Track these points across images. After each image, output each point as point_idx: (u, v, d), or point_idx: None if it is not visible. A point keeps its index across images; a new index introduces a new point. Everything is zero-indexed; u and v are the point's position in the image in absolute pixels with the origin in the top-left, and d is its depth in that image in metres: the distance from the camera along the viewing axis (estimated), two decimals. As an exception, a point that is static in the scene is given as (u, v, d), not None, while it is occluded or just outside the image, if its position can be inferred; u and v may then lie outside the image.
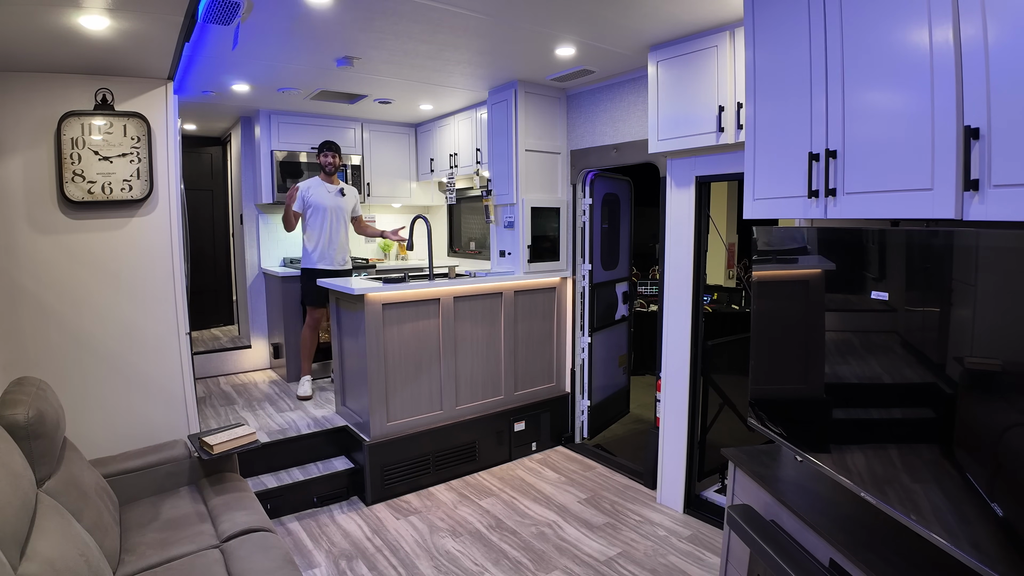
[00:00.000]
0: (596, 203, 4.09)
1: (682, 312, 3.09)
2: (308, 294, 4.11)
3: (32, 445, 1.76)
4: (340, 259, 4.17)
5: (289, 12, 2.52)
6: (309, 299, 4.11)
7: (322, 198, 4.05)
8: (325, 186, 4.09)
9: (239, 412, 3.89)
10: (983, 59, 1.22)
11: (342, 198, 4.15)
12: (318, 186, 4.07)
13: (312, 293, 4.03)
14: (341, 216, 4.13)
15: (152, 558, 1.89)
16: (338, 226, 4.12)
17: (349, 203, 4.20)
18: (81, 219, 2.71)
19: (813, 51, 1.70)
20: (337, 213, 4.09)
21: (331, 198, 4.09)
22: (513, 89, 3.74)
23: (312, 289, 3.99)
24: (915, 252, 1.41)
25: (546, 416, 4.01)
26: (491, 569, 2.62)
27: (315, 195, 4.03)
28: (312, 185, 4.06)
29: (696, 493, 3.17)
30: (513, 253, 3.93)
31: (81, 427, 2.55)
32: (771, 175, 1.91)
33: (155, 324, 2.89)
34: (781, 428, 1.90)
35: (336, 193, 4.12)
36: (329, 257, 4.09)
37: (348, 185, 4.29)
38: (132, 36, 2.27)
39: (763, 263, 2.01)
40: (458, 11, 2.54)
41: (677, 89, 2.86)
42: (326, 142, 4.10)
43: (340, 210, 4.12)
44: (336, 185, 4.14)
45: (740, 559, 2.00)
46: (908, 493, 1.37)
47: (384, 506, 3.23)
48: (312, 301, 4.10)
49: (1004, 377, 1.16)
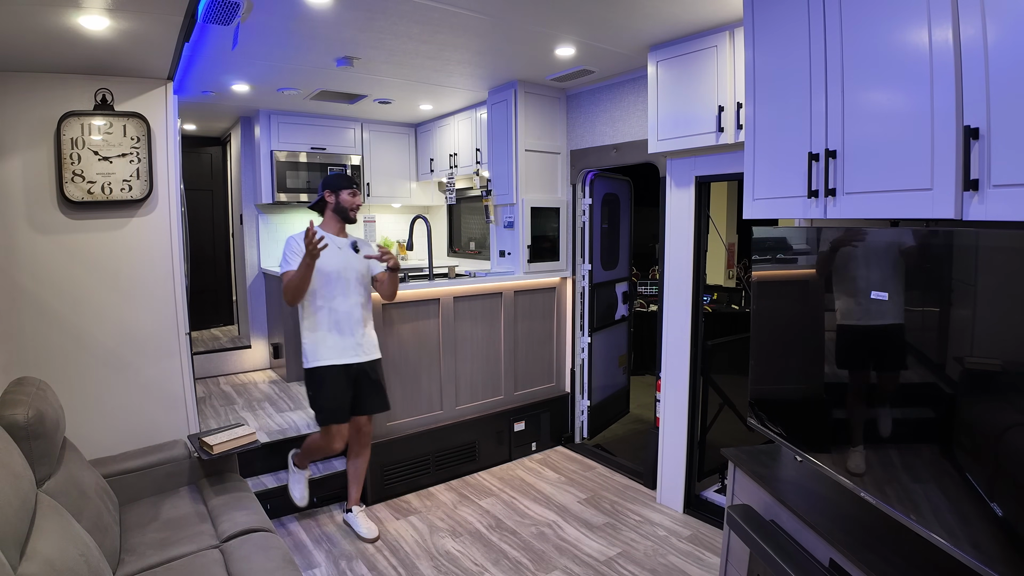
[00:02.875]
0: (596, 203, 4.09)
1: (682, 312, 3.09)
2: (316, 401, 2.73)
3: (32, 445, 1.76)
4: (358, 345, 2.74)
5: (289, 12, 2.52)
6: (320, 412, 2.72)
7: (328, 256, 2.64)
8: (332, 239, 2.72)
9: (239, 412, 3.89)
10: (983, 59, 1.22)
11: (355, 255, 2.78)
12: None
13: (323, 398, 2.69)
14: (355, 280, 2.75)
15: (152, 558, 1.89)
16: (352, 297, 2.73)
17: (365, 261, 2.82)
18: (81, 219, 2.71)
19: (813, 51, 1.70)
20: (350, 276, 2.73)
21: (340, 256, 2.73)
22: (513, 89, 3.74)
23: (322, 393, 2.69)
24: (915, 252, 1.41)
25: (546, 416, 4.01)
26: (491, 569, 2.62)
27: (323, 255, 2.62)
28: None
29: (696, 493, 3.17)
30: (513, 253, 3.93)
31: (81, 427, 2.55)
32: (771, 175, 1.91)
33: (155, 324, 2.89)
34: (781, 428, 1.90)
35: (348, 247, 2.78)
36: (339, 346, 2.70)
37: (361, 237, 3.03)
38: (132, 36, 2.26)
39: (763, 263, 2.01)
40: (458, 11, 2.54)
41: (677, 89, 2.86)
42: (346, 176, 2.83)
43: (356, 273, 2.75)
44: (346, 238, 2.82)
45: (740, 559, 2.00)
46: (908, 493, 1.37)
47: (384, 506, 3.22)
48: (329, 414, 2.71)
49: (1004, 377, 1.16)
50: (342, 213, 2.78)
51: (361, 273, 2.78)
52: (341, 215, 2.79)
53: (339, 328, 2.70)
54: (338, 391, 2.70)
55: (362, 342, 2.76)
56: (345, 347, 2.71)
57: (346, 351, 2.71)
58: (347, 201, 2.77)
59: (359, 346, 2.75)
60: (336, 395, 2.69)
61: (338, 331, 2.70)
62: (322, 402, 2.70)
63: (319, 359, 2.68)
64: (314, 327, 2.69)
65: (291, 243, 2.68)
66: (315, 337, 2.69)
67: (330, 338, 2.69)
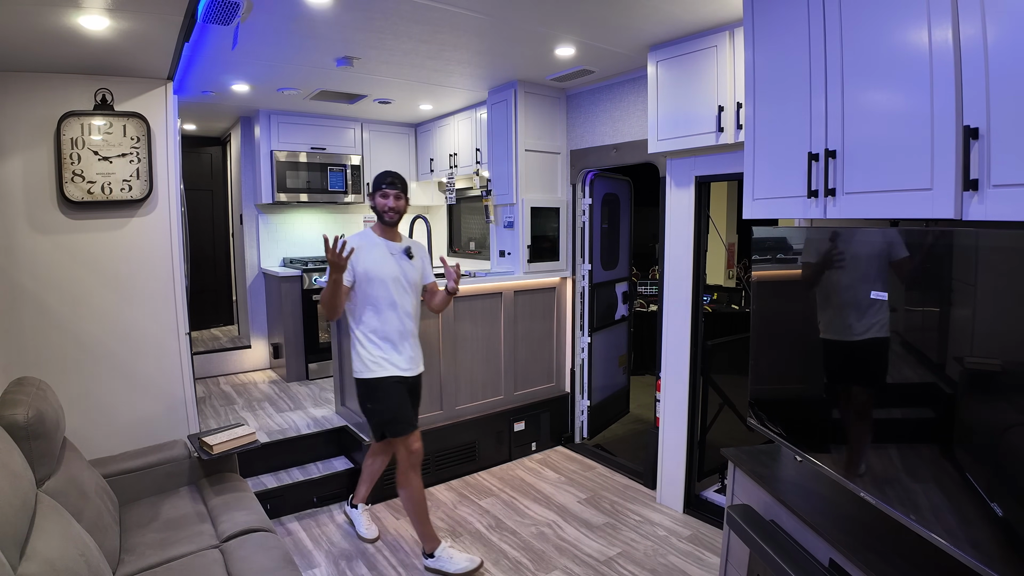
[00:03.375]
0: (596, 203, 4.09)
1: (682, 312, 3.09)
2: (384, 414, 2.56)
3: (32, 445, 1.76)
4: (411, 358, 2.62)
5: (289, 12, 2.52)
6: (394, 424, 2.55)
7: (380, 263, 2.53)
8: (384, 243, 2.59)
9: (239, 412, 3.89)
10: (982, 59, 1.22)
11: (408, 261, 2.64)
12: (373, 244, 2.57)
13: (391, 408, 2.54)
14: (409, 290, 2.62)
15: (152, 558, 1.89)
16: (405, 307, 2.59)
17: (419, 268, 2.69)
18: (81, 219, 2.71)
19: (813, 51, 1.70)
20: (403, 285, 2.59)
21: (393, 263, 2.58)
22: (513, 89, 3.74)
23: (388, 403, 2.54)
24: (914, 252, 1.41)
25: (546, 416, 4.01)
26: (491, 569, 2.62)
27: (369, 258, 2.52)
28: (361, 243, 2.52)
29: (696, 493, 3.17)
30: (513, 253, 3.93)
31: (81, 427, 2.55)
32: (771, 175, 1.92)
33: (155, 324, 2.89)
34: (781, 428, 1.90)
35: (400, 254, 2.63)
36: (396, 358, 2.56)
37: (415, 240, 2.80)
38: (132, 36, 2.27)
39: (763, 263, 2.01)
40: (458, 11, 2.54)
41: (677, 89, 2.86)
42: (388, 174, 2.62)
43: (409, 282, 2.61)
44: (399, 242, 2.66)
45: (740, 559, 2.00)
46: (908, 493, 1.37)
47: (384, 506, 3.22)
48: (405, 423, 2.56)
49: (1004, 377, 1.16)
50: (379, 216, 2.61)
51: (414, 282, 2.64)
52: (379, 218, 2.62)
53: (393, 339, 2.55)
54: (403, 398, 2.56)
55: (414, 355, 2.64)
56: (401, 359, 2.57)
57: (402, 363, 2.57)
58: (380, 204, 2.59)
59: (412, 359, 2.62)
60: (402, 401, 2.55)
61: (392, 342, 2.55)
62: (392, 412, 2.53)
63: (380, 370, 2.52)
64: (368, 338, 2.54)
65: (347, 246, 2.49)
66: (371, 347, 2.53)
67: (387, 349, 2.54)
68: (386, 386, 2.53)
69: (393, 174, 2.62)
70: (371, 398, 2.56)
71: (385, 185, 2.58)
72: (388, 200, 2.58)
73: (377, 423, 2.61)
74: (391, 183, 2.59)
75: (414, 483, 2.55)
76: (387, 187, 2.58)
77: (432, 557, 2.60)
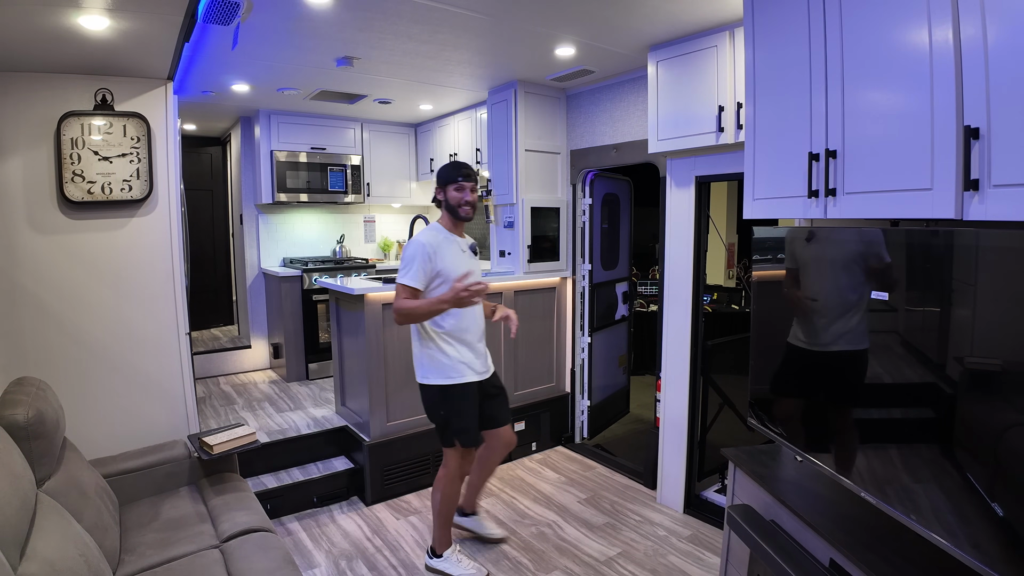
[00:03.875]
0: (596, 203, 4.09)
1: (682, 312, 3.09)
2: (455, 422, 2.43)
3: (32, 445, 1.76)
4: (484, 356, 2.54)
5: (289, 12, 2.52)
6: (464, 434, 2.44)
7: (457, 262, 2.40)
8: (456, 240, 2.45)
9: (239, 412, 3.89)
10: (983, 59, 1.22)
11: (475, 258, 2.55)
12: (449, 241, 2.41)
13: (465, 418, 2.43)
14: None
15: (152, 558, 1.89)
16: (478, 306, 2.51)
17: (480, 264, 2.64)
18: (81, 219, 2.71)
19: (813, 51, 1.70)
20: None
21: (465, 261, 2.45)
22: (513, 89, 3.74)
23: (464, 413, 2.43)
24: (915, 252, 1.41)
25: (546, 416, 4.01)
26: (491, 569, 2.62)
27: (447, 256, 2.37)
28: (438, 240, 2.38)
29: (696, 493, 3.17)
30: (513, 253, 3.93)
31: (81, 427, 2.55)
32: (771, 175, 1.91)
33: (155, 324, 2.89)
34: (781, 428, 1.90)
35: (470, 251, 2.52)
36: (473, 361, 2.45)
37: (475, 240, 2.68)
38: (132, 36, 2.26)
39: (763, 263, 2.01)
40: (458, 11, 2.54)
41: (677, 89, 2.86)
42: (461, 165, 2.47)
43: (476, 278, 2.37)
44: (465, 238, 2.53)
45: (740, 559, 2.00)
46: (908, 493, 1.37)
47: (384, 506, 3.22)
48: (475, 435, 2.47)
49: (1004, 377, 1.16)
50: (452, 212, 2.42)
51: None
52: (452, 213, 2.42)
53: (470, 340, 2.43)
54: (475, 408, 2.45)
55: (486, 353, 2.54)
56: (477, 361, 2.46)
57: (478, 365, 2.46)
58: (454, 198, 2.38)
59: (485, 357, 2.52)
60: (475, 413, 2.44)
61: (468, 343, 2.43)
62: (465, 423, 2.41)
63: (457, 375, 2.39)
64: (446, 340, 2.38)
65: (421, 253, 2.31)
66: (448, 350, 2.38)
67: (464, 352, 2.41)
68: (463, 393, 2.41)
69: (466, 165, 2.46)
70: (445, 405, 2.42)
71: (461, 178, 2.39)
72: (464, 194, 2.38)
73: (450, 431, 2.45)
74: (467, 175, 2.39)
75: (454, 490, 2.52)
76: (463, 179, 2.38)
77: (439, 557, 2.56)
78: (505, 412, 2.64)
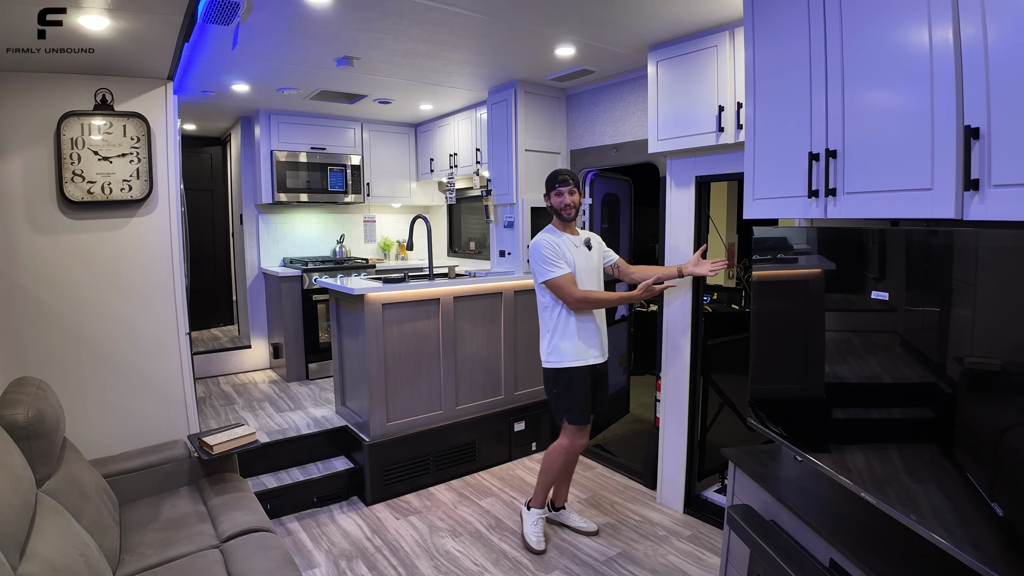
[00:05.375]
0: (596, 203, 4.09)
1: (682, 312, 3.09)
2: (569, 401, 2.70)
3: (32, 445, 1.76)
4: (603, 344, 2.78)
5: (289, 12, 2.52)
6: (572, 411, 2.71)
7: (575, 255, 2.71)
8: (569, 239, 2.73)
9: (239, 412, 3.89)
10: (983, 59, 1.22)
11: (589, 252, 2.79)
12: (561, 239, 2.70)
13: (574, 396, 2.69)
14: (598, 280, 2.81)
15: (152, 558, 1.89)
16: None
17: (599, 253, 2.87)
18: (81, 219, 2.71)
19: (813, 51, 1.70)
20: (592, 276, 2.76)
21: (582, 255, 2.74)
22: (513, 89, 3.74)
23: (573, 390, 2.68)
24: (915, 252, 1.41)
25: (546, 416, 4.01)
26: (491, 569, 2.62)
27: (566, 253, 2.69)
28: (556, 239, 2.68)
29: (696, 493, 3.17)
30: (513, 253, 3.93)
31: (81, 427, 2.55)
32: (771, 175, 1.91)
33: (155, 324, 2.89)
34: (781, 428, 1.90)
35: (583, 246, 2.77)
36: (593, 346, 2.71)
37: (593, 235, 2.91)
38: (132, 36, 2.26)
39: (763, 263, 2.01)
40: (458, 11, 2.54)
41: (677, 89, 2.86)
42: (560, 172, 2.75)
43: (595, 272, 2.79)
44: (579, 235, 2.80)
45: (740, 559, 2.00)
46: (908, 493, 1.37)
47: (384, 506, 3.22)
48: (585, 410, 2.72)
49: (1004, 377, 1.16)
50: (557, 214, 2.74)
51: (599, 271, 2.83)
52: (558, 216, 2.74)
53: (591, 328, 2.71)
54: (586, 388, 2.71)
55: (605, 341, 2.79)
56: (594, 346, 2.72)
57: (594, 350, 2.72)
58: (557, 203, 2.71)
59: (603, 345, 2.77)
60: (586, 392, 2.70)
61: (589, 331, 2.70)
62: (573, 400, 2.68)
63: (576, 359, 2.67)
64: (573, 328, 2.67)
65: (554, 247, 2.63)
66: (574, 338, 2.67)
67: (587, 338, 2.69)
68: (577, 375, 2.67)
69: (565, 171, 2.74)
70: (559, 384, 2.70)
71: (558, 183, 2.71)
72: (563, 197, 2.70)
73: (560, 407, 2.74)
74: (563, 180, 2.70)
75: (562, 464, 2.79)
76: (559, 184, 2.70)
77: (528, 510, 2.87)
78: (603, 400, 2.88)
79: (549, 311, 2.72)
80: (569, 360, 2.67)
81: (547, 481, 2.82)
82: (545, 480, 2.82)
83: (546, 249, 2.63)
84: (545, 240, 2.67)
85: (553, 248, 2.63)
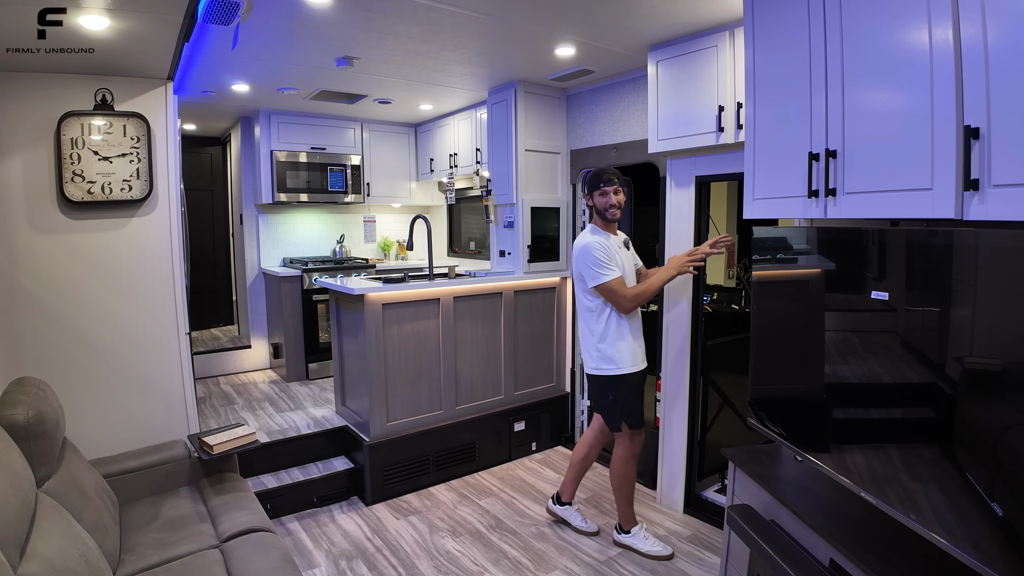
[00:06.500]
0: (596, 203, 4.09)
1: (682, 312, 3.09)
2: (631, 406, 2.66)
3: (32, 445, 1.76)
4: (643, 348, 2.74)
5: (289, 12, 2.51)
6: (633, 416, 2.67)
7: (619, 255, 2.63)
8: (612, 239, 2.66)
9: (239, 412, 3.89)
10: (983, 59, 1.22)
11: (629, 253, 2.76)
12: (612, 243, 2.63)
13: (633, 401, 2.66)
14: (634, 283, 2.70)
15: (152, 558, 1.89)
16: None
17: (633, 257, 2.81)
18: (81, 219, 2.71)
19: (813, 51, 1.70)
20: (632, 280, 2.69)
21: (628, 257, 2.70)
22: (513, 89, 3.74)
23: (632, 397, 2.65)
24: (915, 252, 1.41)
25: (546, 416, 4.01)
26: (491, 569, 2.62)
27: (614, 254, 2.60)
28: (603, 240, 2.60)
29: (696, 493, 3.17)
30: (513, 253, 3.93)
31: (81, 427, 2.55)
32: (771, 175, 1.92)
33: (155, 324, 2.89)
34: (781, 428, 1.90)
35: (623, 246, 2.72)
36: (639, 351, 2.68)
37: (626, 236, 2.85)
38: (132, 36, 2.26)
39: (763, 263, 2.01)
40: (458, 11, 2.54)
41: (677, 89, 2.86)
42: (603, 171, 2.65)
43: (632, 275, 2.71)
44: (620, 236, 2.74)
45: (740, 559, 2.00)
46: (908, 493, 1.37)
47: (384, 506, 3.22)
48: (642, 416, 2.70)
49: (1004, 377, 1.16)
50: (601, 215, 2.65)
51: (634, 273, 2.75)
52: (601, 216, 2.65)
53: (636, 332, 2.67)
54: (642, 391, 2.70)
55: (644, 344, 2.74)
56: (640, 351, 2.68)
57: (641, 358, 2.69)
58: (601, 203, 2.62)
59: (644, 349, 2.73)
60: (641, 397, 2.69)
61: (634, 335, 2.66)
62: (633, 406, 2.65)
63: (634, 364, 2.63)
64: (621, 332, 2.60)
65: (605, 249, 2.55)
66: (622, 342, 2.61)
67: (634, 343, 2.64)
68: (633, 380, 2.65)
69: (607, 170, 2.64)
70: (615, 390, 2.64)
71: (603, 183, 2.61)
72: (608, 197, 2.60)
73: (618, 413, 2.67)
74: (608, 179, 2.61)
75: (632, 470, 2.74)
76: (604, 184, 2.60)
77: (627, 533, 2.77)
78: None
79: (597, 315, 2.62)
80: (628, 366, 2.61)
81: (628, 495, 2.75)
82: (626, 495, 2.75)
83: (598, 251, 2.53)
84: (596, 242, 2.55)
85: (605, 250, 2.54)
